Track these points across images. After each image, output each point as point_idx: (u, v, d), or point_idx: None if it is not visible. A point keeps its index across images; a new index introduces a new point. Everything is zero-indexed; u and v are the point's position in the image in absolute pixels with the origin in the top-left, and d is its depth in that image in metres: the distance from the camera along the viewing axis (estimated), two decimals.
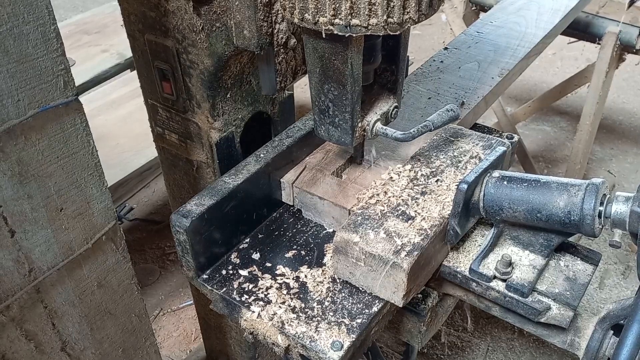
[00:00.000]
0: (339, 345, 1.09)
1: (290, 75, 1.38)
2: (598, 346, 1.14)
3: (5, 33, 0.90)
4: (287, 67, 1.37)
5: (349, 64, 1.12)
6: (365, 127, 1.27)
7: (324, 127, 1.27)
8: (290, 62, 1.37)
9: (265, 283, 1.23)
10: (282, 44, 1.31)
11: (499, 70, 1.83)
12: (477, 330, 2.79)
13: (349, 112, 1.20)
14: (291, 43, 1.33)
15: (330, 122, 1.24)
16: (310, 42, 1.14)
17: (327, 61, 1.14)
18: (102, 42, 3.25)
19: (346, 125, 1.23)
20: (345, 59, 1.12)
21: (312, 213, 1.39)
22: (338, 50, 1.11)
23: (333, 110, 1.22)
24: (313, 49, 1.15)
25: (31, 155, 1.02)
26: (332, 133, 1.26)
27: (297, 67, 1.40)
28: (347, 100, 1.18)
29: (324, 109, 1.23)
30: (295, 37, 1.33)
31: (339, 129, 1.24)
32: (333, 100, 1.20)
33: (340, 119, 1.22)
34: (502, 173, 1.20)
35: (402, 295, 1.13)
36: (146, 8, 1.35)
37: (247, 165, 1.34)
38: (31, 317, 1.14)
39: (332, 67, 1.15)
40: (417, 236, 1.14)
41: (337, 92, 1.18)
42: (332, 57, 1.13)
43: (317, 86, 1.21)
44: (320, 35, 1.07)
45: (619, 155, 3.92)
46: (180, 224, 1.19)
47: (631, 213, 1.03)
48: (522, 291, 1.16)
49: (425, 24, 5.64)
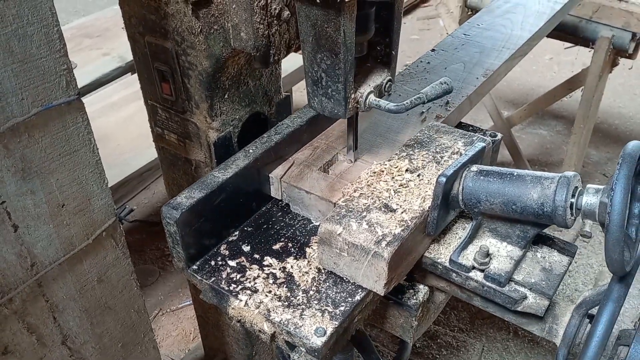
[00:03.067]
0: (322, 331, 1.13)
1: (284, 48, 1.38)
2: (575, 332, 1.18)
3: (10, 34, 0.94)
4: (281, 40, 1.36)
5: (342, 31, 1.12)
6: (359, 99, 1.28)
7: (317, 99, 1.27)
8: (283, 35, 1.36)
9: (253, 273, 1.27)
10: (275, 15, 1.31)
11: (483, 71, 1.88)
12: (472, 330, 2.82)
13: (342, 82, 1.20)
14: (285, 15, 1.32)
15: (323, 93, 1.25)
16: (303, 10, 1.14)
17: (320, 29, 1.15)
18: (103, 45, 3.29)
19: (339, 96, 1.23)
20: (337, 26, 1.12)
21: (299, 207, 1.43)
22: (331, 17, 1.12)
23: (326, 81, 1.22)
24: (306, 16, 1.15)
25: (34, 152, 1.05)
26: (326, 105, 1.27)
27: (291, 41, 1.40)
28: (340, 70, 1.18)
29: (317, 80, 1.24)
30: (289, 10, 1.33)
31: (332, 100, 1.25)
32: (326, 70, 1.20)
33: (334, 89, 1.23)
34: (480, 167, 1.24)
35: (383, 284, 1.17)
36: (146, 11, 1.39)
37: (237, 160, 1.38)
38: (33, 310, 1.17)
39: (325, 35, 1.15)
40: (398, 227, 1.18)
41: (329, 61, 1.18)
42: (324, 25, 1.13)
43: (310, 56, 1.21)
44: (313, 1, 1.07)
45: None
46: (170, 215, 1.23)
47: (600, 204, 1.07)
48: (500, 281, 1.20)
49: (424, 29, 5.69)
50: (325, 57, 1.19)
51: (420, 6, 6.19)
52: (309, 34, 1.18)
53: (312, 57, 1.21)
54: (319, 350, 1.12)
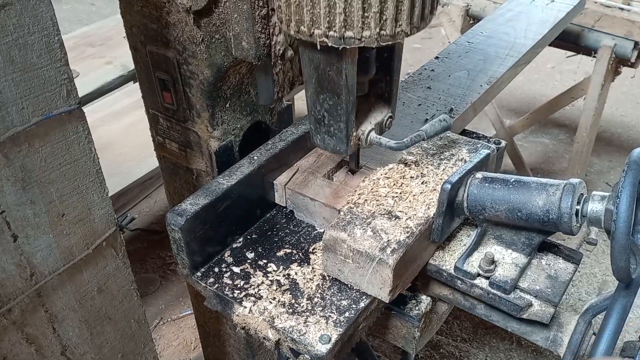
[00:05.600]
0: (327, 338, 1.13)
1: (288, 85, 1.42)
2: (580, 339, 1.17)
3: (11, 43, 0.93)
4: (285, 77, 1.40)
5: (344, 74, 1.15)
6: (360, 136, 1.30)
7: (319, 136, 1.30)
8: (287, 73, 1.40)
9: (257, 280, 1.27)
10: (279, 55, 1.34)
11: (487, 79, 1.88)
12: (475, 340, 2.80)
13: (344, 121, 1.23)
14: (288, 55, 1.36)
15: (325, 131, 1.27)
16: (306, 54, 1.18)
17: (323, 72, 1.17)
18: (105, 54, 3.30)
19: (341, 134, 1.25)
20: (339, 70, 1.15)
21: (303, 214, 1.43)
22: (333, 61, 1.14)
23: (328, 120, 1.25)
24: (309, 60, 1.18)
25: (34, 162, 1.04)
26: (328, 142, 1.29)
27: (294, 78, 1.43)
28: (342, 110, 1.21)
29: (320, 119, 1.26)
30: (292, 49, 1.37)
31: (335, 138, 1.27)
32: (328, 110, 1.23)
33: (336, 128, 1.25)
34: (485, 174, 1.24)
35: (388, 291, 1.16)
36: (148, 20, 1.39)
37: (241, 167, 1.38)
38: (32, 320, 1.16)
39: (327, 78, 1.18)
40: (402, 234, 1.18)
41: (332, 102, 1.21)
42: (327, 68, 1.16)
43: (313, 96, 1.24)
44: (315, 47, 1.10)
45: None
46: (175, 222, 1.23)
47: (606, 211, 1.07)
48: (505, 288, 1.19)
49: (425, 38, 5.70)
50: (327, 97, 1.21)
51: None
52: (312, 76, 1.20)
53: (314, 97, 1.23)
54: (324, 358, 1.11)
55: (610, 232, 1.01)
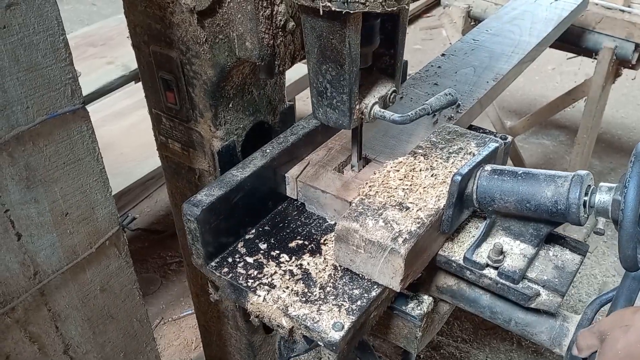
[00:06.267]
0: (340, 325, 1.14)
1: (289, 59, 1.39)
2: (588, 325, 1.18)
3: (16, 42, 0.94)
4: (286, 50, 1.36)
5: (347, 43, 1.12)
6: (363, 109, 1.28)
7: (321, 110, 1.27)
8: (288, 46, 1.36)
9: (270, 270, 1.30)
10: (280, 26, 1.30)
11: (493, 75, 1.90)
12: (475, 341, 2.80)
13: (347, 93, 1.20)
14: (290, 26, 1.32)
15: (328, 104, 1.25)
16: (309, 21, 1.14)
17: (325, 40, 1.14)
18: (107, 54, 3.30)
19: (344, 107, 1.23)
20: (343, 38, 1.12)
21: (315, 206, 1.45)
22: (336, 28, 1.11)
23: (331, 92, 1.22)
24: (311, 28, 1.15)
25: (38, 161, 1.05)
26: (330, 115, 1.27)
27: (296, 52, 1.40)
28: (345, 81, 1.18)
29: (322, 91, 1.23)
30: (294, 21, 1.33)
31: (337, 111, 1.25)
32: (331, 81, 1.21)
33: (338, 100, 1.23)
34: (494, 167, 1.26)
35: (399, 280, 1.18)
36: (152, 20, 1.40)
37: (254, 160, 1.40)
38: (35, 319, 1.16)
39: (330, 47, 1.15)
40: (413, 224, 1.20)
41: (334, 72, 1.18)
42: (330, 36, 1.13)
43: (315, 67, 1.21)
44: (318, 13, 1.07)
45: (618, 169, 3.95)
46: (191, 212, 1.25)
47: (613, 202, 1.08)
48: (513, 278, 1.21)
49: (426, 39, 5.71)
50: (330, 68, 1.19)
51: (423, 16, 6.22)
52: (314, 45, 1.18)
53: (317, 68, 1.21)
54: (337, 344, 1.13)
55: (617, 222, 1.03)
